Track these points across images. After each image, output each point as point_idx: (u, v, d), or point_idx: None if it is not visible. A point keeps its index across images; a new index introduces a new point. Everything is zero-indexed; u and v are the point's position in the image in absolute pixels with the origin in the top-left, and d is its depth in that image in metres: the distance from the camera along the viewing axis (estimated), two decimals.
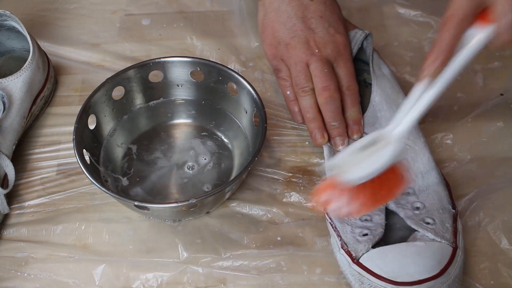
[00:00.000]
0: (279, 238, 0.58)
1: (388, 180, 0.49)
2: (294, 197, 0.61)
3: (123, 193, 0.60)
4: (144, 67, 0.64)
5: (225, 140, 0.65)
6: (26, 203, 0.62)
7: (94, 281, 0.56)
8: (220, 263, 0.57)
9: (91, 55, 0.74)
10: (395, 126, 0.49)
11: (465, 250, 0.54)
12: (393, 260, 0.50)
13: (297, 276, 0.56)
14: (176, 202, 0.56)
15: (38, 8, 0.80)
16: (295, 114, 0.63)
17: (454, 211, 0.55)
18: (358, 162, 0.48)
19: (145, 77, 0.65)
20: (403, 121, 0.49)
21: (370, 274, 0.50)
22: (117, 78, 0.63)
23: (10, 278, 0.56)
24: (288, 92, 0.63)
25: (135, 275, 0.56)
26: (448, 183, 0.57)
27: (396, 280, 0.49)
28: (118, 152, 0.64)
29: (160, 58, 0.64)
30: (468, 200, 0.59)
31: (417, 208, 0.54)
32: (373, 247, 0.52)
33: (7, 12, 0.65)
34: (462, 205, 0.58)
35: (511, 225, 0.57)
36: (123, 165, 0.63)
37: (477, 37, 0.47)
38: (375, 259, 0.51)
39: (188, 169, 0.63)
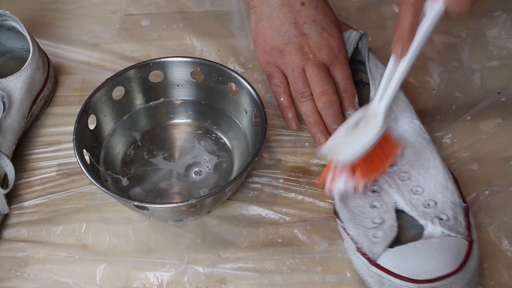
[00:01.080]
0: (279, 239, 0.58)
1: (382, 149, 0.55)
2: (294, 197, 0.61)
3: (123, 193, 0.60)
4: (144, 67, 0.64)
5: (225, 140, 0.65)
6: (26, 203, 0.61)
7: (94, 281, 0.56)
8: (220, 263, 0.57)
9: (91, 55, 0.74)
10: (378, 101, 0.55)
11: None
12: (412, 259, 0.50)
13: (298, 276, 0.56)
14: (176, 202, 0.56)
15: (38, 8, 0.80)
16: (289, 121, 0.63)
17: (465, 205, 0.55)
18: (350, 141, 0.54)
19: (145, 77, 0.65)
20: (384, 96, 0.54)
21: (390, 274, 0.50)
22: (117, 78, 0.63)
23: (10, 278, 0.56)
24: (282, 99, 0.63)
25: (135, 275, 0.56)
26: (455, 178, 0.57)
27: (417, 279, 0.49)
28: (118, 152, 0.64)
29: (160, 58, 0.64)
30: (469, 201, 0.59)
31: (428, 206, 0.54)
32: (389, 247, 0.51)
33: (7, 12, 0.65)
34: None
35: (511, 226, 0.57)
36: (123, 165, 0.63)
37: (434, 9, 0.50)
38: (393, 259, 0.51)
39: (188, 169, 0.63)
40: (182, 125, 0.67)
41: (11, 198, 0.61)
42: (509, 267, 0.55)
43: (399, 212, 0.55)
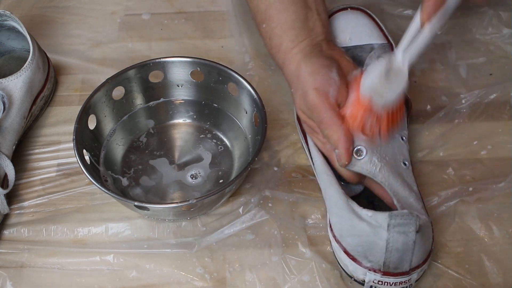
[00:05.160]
0: (280, 238, 0.58)
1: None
2: (295, 197, 0.61)
3: (123, 193, 0.60)
4: (144, 67, 0.64)
5: (225, 140, 0.65)
6: (26, 203, 0.62)
7: (94, 281, 0.56)
8: (221, 262, 0.57)
9: (91, 55, 0.74)
10: (401, 53, 0.53)
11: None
12: None
13: (298, 268, 0.56)
14: (176, 202, 0.56)
15: (38, 8, 0.80)
16: None
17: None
18: (386, 89, 0.53)
19: (145, 77, 0.65)
20: (409, 49, 0.52)
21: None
22: (117, 78, 0.63)
23: (10, 278, 0.56)
24: None
25: (135, 274, 0.56)
26: None
27: None
28: (118, 152, 0.64)
29: (160, 58, 0.64)
30: (454, 193, 0.60)
31: None
32: None
33: (7, 12, 0.65)
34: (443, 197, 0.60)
35: (487, 212, 0.59)
36: (123, 165, 0.63)
37: None
38: None
39: (188, 169, 0.63)
40: (182, 125, 0.67)
41: (11, 198, 0.61)
42: (483, 252, 0.57)
43: None
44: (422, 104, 0.68)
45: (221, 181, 0.62)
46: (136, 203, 0.54)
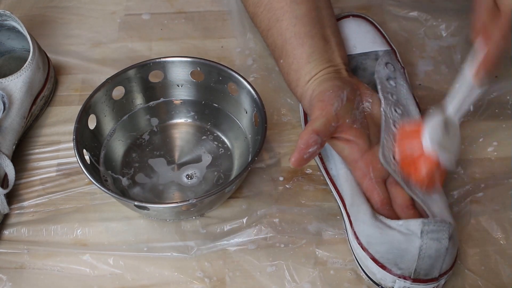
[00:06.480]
0: (280, 238, 0.58)
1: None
2: (294, 197, 0.61)
3: (122, 193, 0.60)
4: (144, 67, 0.64)
5: (225, 140, 0.65)
6: (26, 203, 0.62)
7: (94, 281, 0.56)
8: (221, 262, 0.57)
9: (91, 55, 0.74)
10: (455, 112, 0.54)
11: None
12: None
13: (300, 276, 0.56)
14: (176, 202, 0.56)
15: (38, 8, 0.80)
16: None
17: None
18: (446, 146, 0.53)
19: (145, 77, 0.65)
20: (460, 109, 0.54)
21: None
22: (117, 78, 0.63)
23: (10, 278, 0.56)
24: None
25: (135, 274, 0.56)
26: None
27: None
28: (118, 152, 0.64)
29: (160, 58, 0.64)
30: (464, 192, 0.60)
31: None
32: None
33: (7, 12, 0.65)
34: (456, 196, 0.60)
35: (502, 215, 0.59)
36: (123, 165, 0.63)
37: None
38: None
39: (188, 169, 0.63)
40: (182, 125, 0.67)
41: (11, 198, 0.61)
42: (499, 253, 0.56)
43: None
44: (426, 107, 0.67)
45: (216, 179, 0.62)
46: (136, 203, 0.54)
